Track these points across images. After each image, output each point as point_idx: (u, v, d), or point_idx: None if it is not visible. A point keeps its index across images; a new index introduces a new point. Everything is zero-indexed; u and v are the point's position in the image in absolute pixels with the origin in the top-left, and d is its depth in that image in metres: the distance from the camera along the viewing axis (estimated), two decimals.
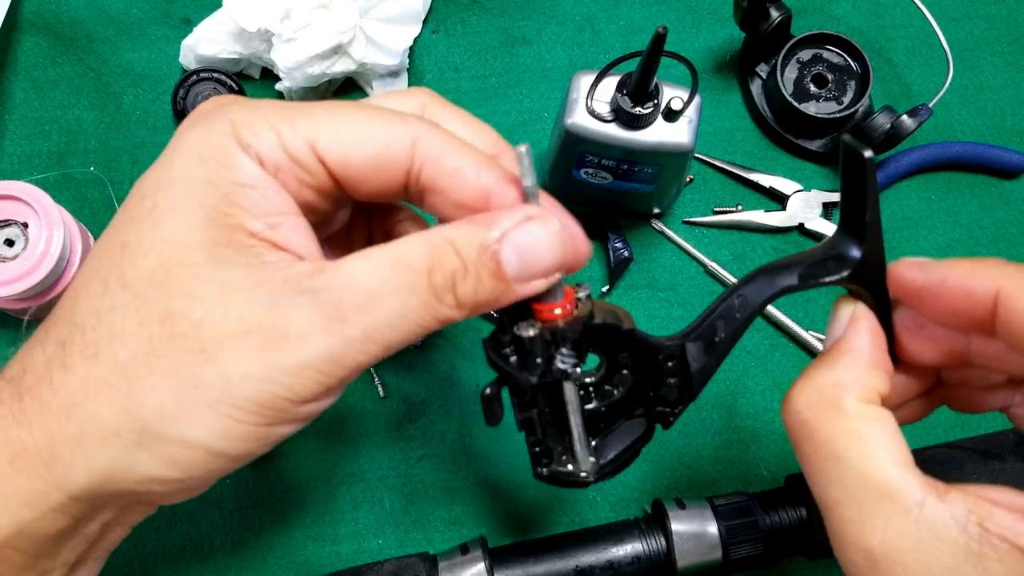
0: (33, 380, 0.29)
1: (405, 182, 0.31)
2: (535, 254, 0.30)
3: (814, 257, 0.33)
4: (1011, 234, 0.58)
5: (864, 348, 0.32)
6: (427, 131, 0.31)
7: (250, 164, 0.29)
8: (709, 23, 0.61)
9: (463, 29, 0.60)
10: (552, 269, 0.30)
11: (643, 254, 0.56)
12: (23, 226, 0.50)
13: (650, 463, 0.53)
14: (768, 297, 0.33)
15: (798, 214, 0.57)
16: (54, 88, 0.58)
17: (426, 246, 0.29)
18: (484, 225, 0.29)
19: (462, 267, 0.29)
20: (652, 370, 0.35)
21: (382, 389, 0.53)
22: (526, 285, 0.30)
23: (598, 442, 0.35)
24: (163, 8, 0.60)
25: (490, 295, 0.30)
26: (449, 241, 0.29)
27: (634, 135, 0.47)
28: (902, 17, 0.61)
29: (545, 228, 0.30)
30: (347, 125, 0.30)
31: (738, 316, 0.33)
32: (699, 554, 0.44)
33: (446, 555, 0.45)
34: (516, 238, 0.29)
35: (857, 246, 0.32)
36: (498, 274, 0.29)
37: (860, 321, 0.32)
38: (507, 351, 0.32)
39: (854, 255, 0.32)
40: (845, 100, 0.57)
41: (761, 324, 0.55)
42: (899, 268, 0.32)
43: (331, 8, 0.54)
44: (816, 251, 0.33)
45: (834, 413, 0.30)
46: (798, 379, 0.32)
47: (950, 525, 0.27)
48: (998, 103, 0.60)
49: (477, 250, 0.29)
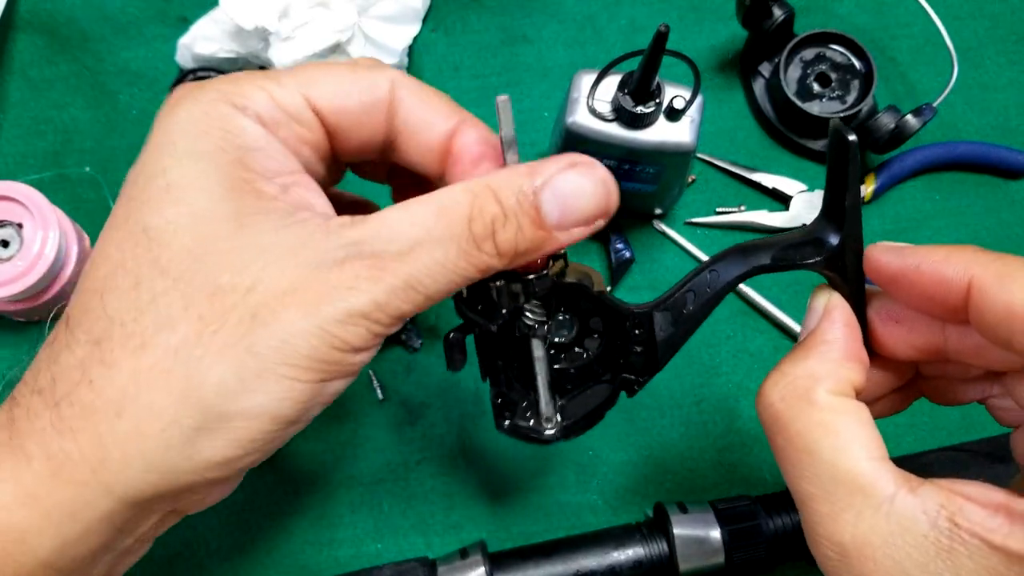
0: (69, 386, 0.28)
1: (387, 130, 0.32)
2: (576, 202, 0.30)
3: (791, 240, 0.33)
4: (1016, 235, 0.57)
5: (838, 340, 0.31)
6: (401, 76, 0.32)
7: (253, 126, 0.29)
8: (711, 21, 0.61)
9: (463, 28, 0.60)
10: (594, 217, 0.30)
11: (645, 255, 0.56)
12: (18, 227, 0.50)
13: (652, 466, 0.52)
14: (740, 275, 0.33)
15: (802, 214, 0.56)
16: (49, 87, 0.58)
17: (466, 193, 0.29)
18: (526, 173, 0.29)
19: (502, 214, 0.29)
20: (621, 336, 0.35)
21: (381, 392, 0.53)
22: (567, 233, 0.30)
23: (564, 402, 0.35)
24: (159, 6, 0.59)
25: (531, 243, 0.30)
26: (490, 188, 0.29)
27: (636, 135, 0.46)
28: (906, 16, 0.61)
29: (587, 176, 0.30)
30: (332, 77, 0.31)
31: (708, 290, 0.34)
32: (701, 558, 0.44)
33: (445, 560, 0.45)
34: (558, 185, 0.29)
35: (836, 232, 0.32)
36: (538, 222, 0.29)
37: (834, 312, 0.32)
38: (475, 301, 0.33)
39: (831, 241, 0.32)
40: (849, 99, 0.57)
41: (764, 326, 0.55)
42: (875, 252, 0.32)
43: (329, 6, 0.54)
44: (795, 234, 0.33)
45: (807, 405, 0.30)
46: (772, 371, 0.32)
47: (921, 519, 0.27)
48: (1003, 102, 0.60)
49: (517, 197, 0.29)
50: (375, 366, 0.54)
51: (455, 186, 0.29)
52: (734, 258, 0.33)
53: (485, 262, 0.29)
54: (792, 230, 0.56)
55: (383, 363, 0.54)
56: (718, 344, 0.55)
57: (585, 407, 0.36)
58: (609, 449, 0.52)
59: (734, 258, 0.33)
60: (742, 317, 0.55)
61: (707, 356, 0.54)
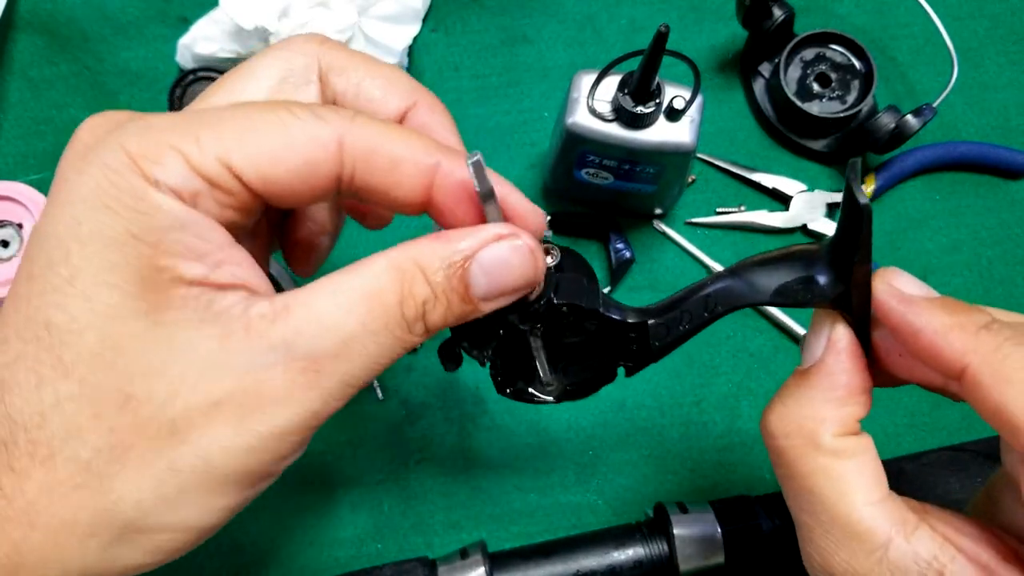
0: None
1: (337, 187, 0.28)
2: (504, 274, 0.28)
3: (794, 275, 0.32)
4: (1016, 234, 0.57)
5: (843, 374, 0.31)
6: (351, 126, 0.27)
7: (168, 202, 0.25)
8: (711, 22, 0.61)
9: (463, 28, 0.60)
10: (521, 289, 0.29)
11: (645, 255, 0.56)
12: (18, 227, 0.50)
13: (652, 466, 0.52)
14: (737, 307, 0.33)
15: (802, 215, 0.56)
16: (49, 87, 0.58)
17: (394, 273, 0.27)
18: (452, 244, 0.28)
19: (432, 295, 0.27)
20: (616, 336, 0.35)
21: (381, 392, 0.53)
22: (493, 303, 0.29)
23: (561, 366, 0.35)
24: (160, 7, 0.59)
25: (458, 317, 0.29)
26: (418, 266, 0.27)
27: (636, 135, 0.46)
28: (906, 16, 0.61)
29: (514, 249, 0.28)
30: (259, 136, 0.26)
31: (705, 315, 0.33)
32: (701, 558, 0.44)
33: (446, 559, 0.45)
34: (486, 258, 0.28)
35: (842, 281, 0.31)
36: (466, 297, 0.28)
37: (839, 343, 0.31)
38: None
39: (835, 287, 0.31)
40: (849, 99, 0.57)
41: (764, 326, 0.55)
42: (883, 295, 0.30)
43: (329, 6, 0.54)
44: (798, 261, 0.32)
45: (812, 449, 0.30)
46: (776, 398, 0.32)
47: (911, 570, 0.27)
48: (1003, 103, 0.60)
49: (446, 273, 0.27)
50: None
51: (379, 261, 0.27)
52: (737, 284, 0.33)
53: (414, 342, 0.28)
54: (795, 230, 0.56)
55: None
56: (718, 344, 0.55)
57: (584, 373, 0.36)
58: (609, 449, 0.52)
59: (737, 284, 0.33)
60: (742, 317, 0.55)
61: (707, 356, 0.54)
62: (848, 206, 0.30)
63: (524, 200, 0.31)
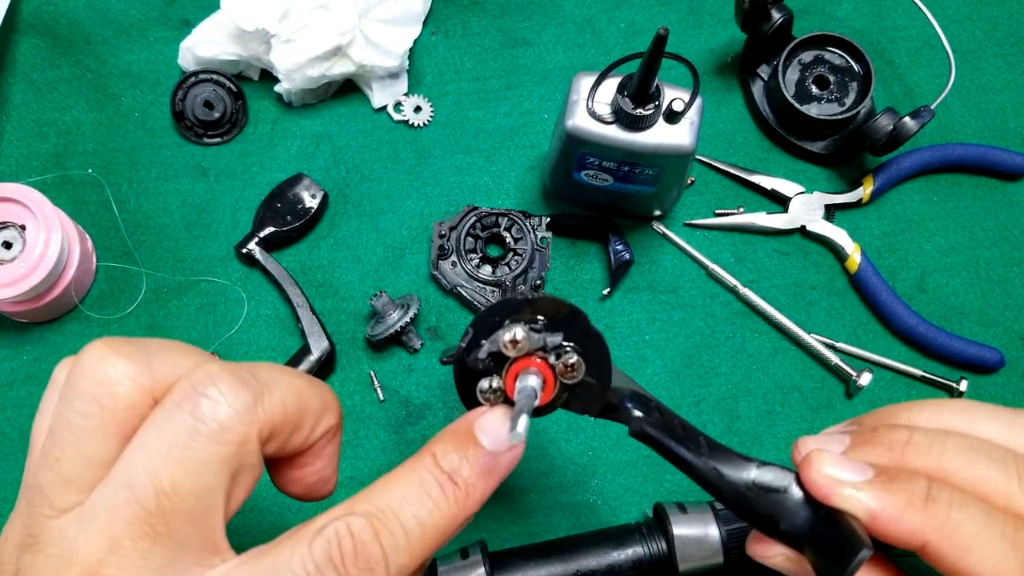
0: None
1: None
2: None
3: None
4: (1013, 236, 0.57)
5: None
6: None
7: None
8: (710, 24, 0.61)
9: (463, 31, 0.60)
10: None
11: (644, 256, 0.56)
12: (21, 228, 0.50)
13: (651, 467, 0.52)
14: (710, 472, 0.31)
15: (800, 216, 0.57)
16: (52, 90, 0.58)
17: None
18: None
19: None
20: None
21: (381, 392, 0.53)
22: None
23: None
24: (162, 9, 0.59)
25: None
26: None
27: (635, 137, 0.47)
28: (904, 19, 0.61)
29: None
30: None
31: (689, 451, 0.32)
32: (701, 558, 0.44)
33: (446, 559, 0.45)
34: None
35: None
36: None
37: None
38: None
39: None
40: (847, 102, 0.57)
41: (763, 327, 0.55)
42: (811, 472, 0.29)
43: (330, 9, 0.54)
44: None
45: None
46: None
47: None
48: (1000, 105, 0.60)
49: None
50: (376, 367, 0.54)
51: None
52: (716, 462, 0.31)
53: None
54: (793, 231, 0.57)
55: (384, 364, 0.54)
56: (717, 345, 0.55)
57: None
58: (608, 449, 0.53)
59: (716, 462, 0.31)
60: (741, 319, 0.55)
61: (706, 357, 0.55)
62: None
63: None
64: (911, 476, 0.29)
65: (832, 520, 0.29)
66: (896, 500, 0.28)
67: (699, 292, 0.56)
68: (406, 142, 0.58)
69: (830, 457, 0.30)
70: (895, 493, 0.28)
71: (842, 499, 0.29)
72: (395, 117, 0.58)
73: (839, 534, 0.28)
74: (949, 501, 0.28)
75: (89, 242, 0.54)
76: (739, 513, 0.31)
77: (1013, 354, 0.55)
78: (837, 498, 0.29)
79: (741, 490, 0.30)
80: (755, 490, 0.30)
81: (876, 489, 0.28)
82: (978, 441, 0.29)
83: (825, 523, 0.29)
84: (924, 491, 0.28)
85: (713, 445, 0.32)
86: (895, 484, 0.28)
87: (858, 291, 0.56)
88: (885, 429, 0.31)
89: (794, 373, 0.55)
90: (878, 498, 0.28)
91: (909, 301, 0.55)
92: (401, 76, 0.58)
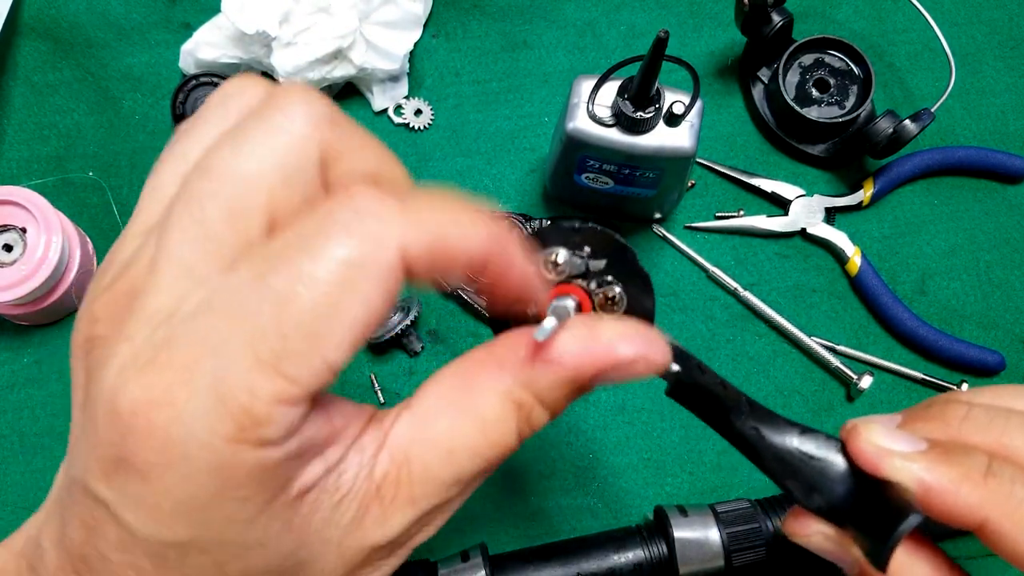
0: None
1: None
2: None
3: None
4: (1014, 239, 0.57)
5: None
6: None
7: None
8: (711, 27, 0.61)
9: (464, 34, 0.60)
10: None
11: (644, 259, 0.56)
12: (21, 231, 0.50)
13: (652, 470, 0.52)
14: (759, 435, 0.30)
15: (800, 219, 0.57)
16: (53, 93, 0.58)
17: (513, 409, 0.27)
18: (568, 370, 0.27)
19: (548, 415, 0.27)
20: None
21: (382, 395, 0.53)
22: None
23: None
24: (163, 12, 0.59)
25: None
26: (538, 399, 0.27)
27: (635, 140, 0.47)
28: (904, 22, 0.61)
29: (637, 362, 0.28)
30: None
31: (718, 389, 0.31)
32: (701, 561, 0.44)
33: (446, 562, 0.45)
34: (613, 377, 0.28)
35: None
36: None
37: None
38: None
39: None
40: (847, 105, 0.57)
41: (763, 330, 0.55)
42: (874, 457, 0.27)
43: (331, 12, 0.54)
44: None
45: None
46: None
47: None
48: (1000, 108, 0.60)
49: (565, 395, 0.27)
50: (377, 370, 0.54)
51: (494, 396, 0.26)
52: (766, 425, 0.29)
53: None
54: (794, 234, 0.57)
55: (384, 367, 0.54)
56: (718, 348, 0.55)
57: None
58: (609, 452, 0.53)
59: (766, 425, 0.29)
60: (741, 321, 0.55)
61: (707, 359, 0.55)
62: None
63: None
64: (969, 450, 0.27)
65: (879, 493, 0.27)
66: (953, 473, 0.26)
67: (699, 295, 0.56)
68: (406, 145, 0.58)
69: (880, 427, 0.27)
70: (952, 466, 0.26)
71: (893, 469, 0.26)
72: (395, 120, 0.58)
73: (886, 506, 0.26)
74: (1012, 477, 0.26)
75: (90, 245, 0.54)
76: (777, 480, 0.29)
77: (1014, 357, 0.55)
78: (887, 468, 0.26)
79: (782, 454, 0.28)
80: (797, 455, 0.28)
81: (930, 460, 0.26)
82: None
83: (871, 496, 0.27)
84: (984, 465, 0.26)
85: (755, 406, 0.30)
86: (952, 456, 0.26)
87: (859, 294, 0.56)
88: (941, 403, 0.29)
89: (795, 376, 0.54)
90: (932, 469, 0.26)
91: (910, 304, 0.55)
92: (401, 79, 0.58)
